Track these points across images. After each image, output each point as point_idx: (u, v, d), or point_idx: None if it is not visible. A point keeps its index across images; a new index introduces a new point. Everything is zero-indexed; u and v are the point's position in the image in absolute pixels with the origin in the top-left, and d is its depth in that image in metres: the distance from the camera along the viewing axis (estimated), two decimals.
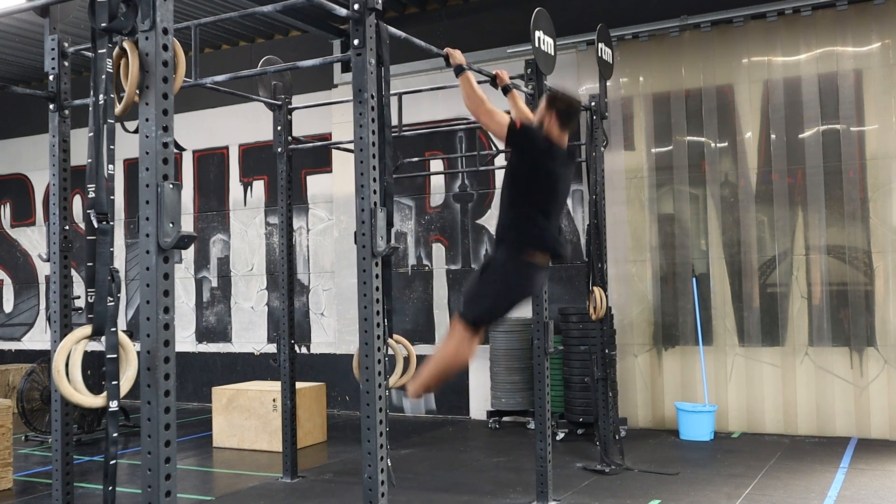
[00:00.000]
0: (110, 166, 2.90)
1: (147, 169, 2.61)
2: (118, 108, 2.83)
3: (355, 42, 3.73)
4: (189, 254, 10.94)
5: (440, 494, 5.90)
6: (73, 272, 4.60)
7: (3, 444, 6.29)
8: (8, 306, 12.43)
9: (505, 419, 8.69)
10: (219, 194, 10.88)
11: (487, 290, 4.41)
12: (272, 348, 10.33)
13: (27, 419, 7.84)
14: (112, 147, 2.90)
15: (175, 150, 2.68)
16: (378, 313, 3.71)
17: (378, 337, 3.71)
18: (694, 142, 8.25)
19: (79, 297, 4.05)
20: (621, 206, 8.44)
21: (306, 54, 8.74)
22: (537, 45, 5.36)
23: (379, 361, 3.70)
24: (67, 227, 4.44)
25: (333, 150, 9.62)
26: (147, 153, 2.61)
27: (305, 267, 10.25)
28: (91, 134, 2.92)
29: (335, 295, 10.01)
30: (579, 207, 8.79)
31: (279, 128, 6.49)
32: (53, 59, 4.35)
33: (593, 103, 6.58)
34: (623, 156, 8.48)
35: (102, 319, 2.80)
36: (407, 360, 4.73)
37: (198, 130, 10.78)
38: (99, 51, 2.92)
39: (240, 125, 10.59)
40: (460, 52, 4.60)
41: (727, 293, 8.07)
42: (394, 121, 6.73)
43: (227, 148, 10.82)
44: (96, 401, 2.78)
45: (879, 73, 7.58)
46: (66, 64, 4.40)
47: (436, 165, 9.49)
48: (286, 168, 6.52)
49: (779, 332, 7.84)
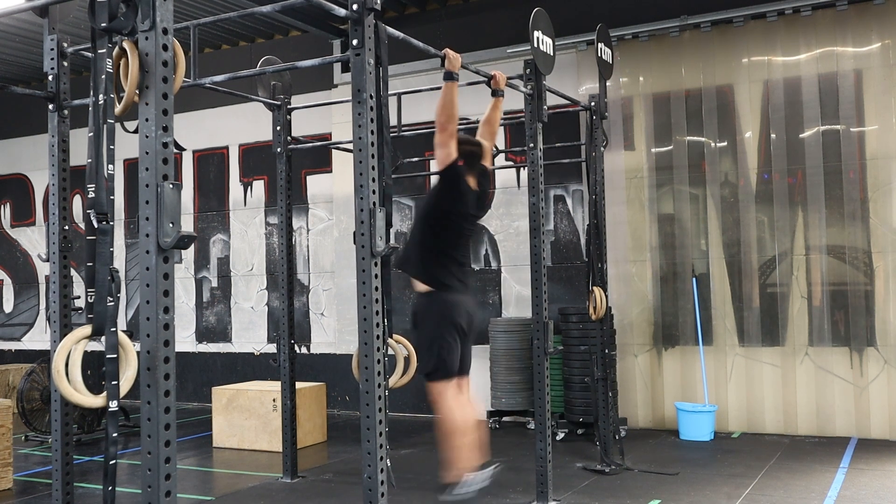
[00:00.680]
0: (110, 166, 2.90)
1: (147, 169, 2.61)
2: (118, 108, 2.83)
3: (354, 42, 3.74)
4: (189, 254, 10.94)
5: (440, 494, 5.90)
6: (73, 272, 4.61)
7: (3, 444, 6.29)
8: (8, 306, 12.43)
9: (505, 419, 8.69)
10: (219, 194, 10.88)
11: (428, 342, 4.51)
12: (272, 348, 10.33)
13: (27, 419, 7.85)
14: (112, 147, 2.90)
15: (175, 150, 2.68)
16: (378, 313, 3.71)
17: (378, 337, 3.71)
18: (694, 142, 8.25)
19: (79, 297, 4.05)
20: (621, 206, 8.44)
21: (306, 54, 8.75)
22: (536, 46, 5.36)
23: (379, 361, 3.70)
24: (67, 227, 4.44)
25: (333, 150, 9.62)
26: (147, 153, 2.61)
27: (305, 267, 10.25)
28: (91, 134, 2.92)
29: (335, 295, 10.01)
30: (579, 207, 8.79)
31: (278, 128, 6.49)
32: (53, 60, 4.35)
33: (593, 103, 6.57)
34: (623, 156, 8.48)
35: (102, 319, 2.80)
36: (407, 360, 4.74)
37: (198, 130, 10.78)
38: (99, 51, 2.93)
39: (240, 125, 10.60)
40: (460, 59, 4.63)
41: (727, 293, 8.07)
42: (393, 121, 6.74)
43: (227, 148, 10.82)
44: (96, 401, 2.78)
45: (879, 74, 7.58)
46: (66, 64, 4.40)
47: (435, 165, 9.47)
48: (286, 168, 6.53)
49: (779, 332, 7.84)
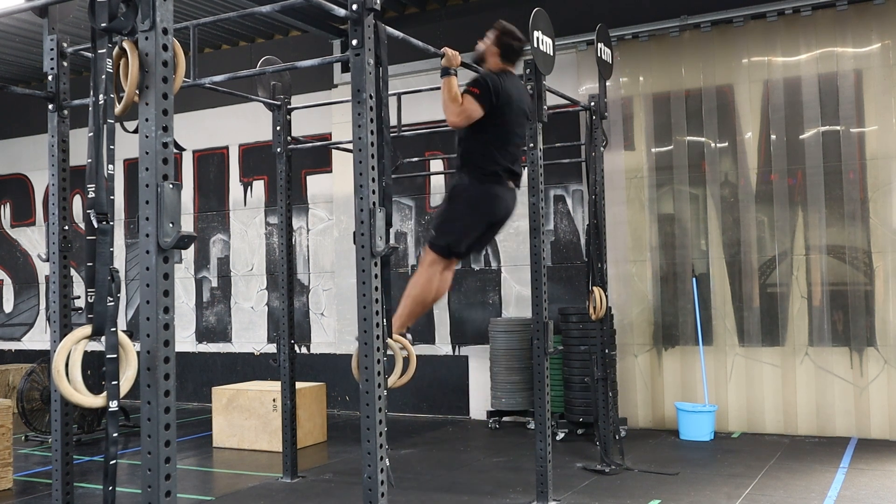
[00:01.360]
0: (110, 166, 2.90)
1: (147, 169, 2.61)
2: (118, 108, 2.83)
3: (354, 42, 3.74)
4: (189, 254, 10.94)
5: (440, 494, 5.90)
6: (73, 272, 4.61)
7: (3, 444, 6.29)
8: (8, 306, 12.43)
9: (505, 419, 8.69)
10: (219, 194, 10.88)
11: (456, 216, 4.50)
12: (272, 348, 10.33)
13: (27, 419, 7.85)
14: (112, 147, 2.90)
15: (175, 150, 2.68)
16: (378, 313, 3.71)
17: (378, 337, 3.71)
18: (694, 142, 8.25)
19: (79, 297, 4.05)
20: (621, 206, 8.44)
21: (306, 54, 8.74)
22: (536, 46, 5.36)
23: (378, 361, 3.70)
24: (67, 227, 4.44)
25: (333, 150, 9.62)
26: (147, 153, 2.61)
27: (305, 267, 10.25)
28: (91, 134, 2.92)
29: (335, 295, 10.01)
30: (579, 207, 8.79)
31: (278, 128, 6.49)
32: (52, 60, 4.35)
33: (593, 103, 6.57)
34: (623, 156, 8.48)
35: (102, 319, 2.80)
36: (407, 360, 4.73)
37: (198, 130, 10.78)
38: (99, 51, 2.93)
39: (240, 125, 10.60)
40: (458, 56, 4.64)
41: (727, 293, 8.07)
42: (393, 121, 6.73)
43: (227, 148, 10.82)
44: (96, 401, 2.78)
45: (879, 74, 7.58)
46: (66, 64, 4.40)
47: (436, 165, 9.49)
48: (286, 168, 6.53)
49: (779, 332, 7.84)
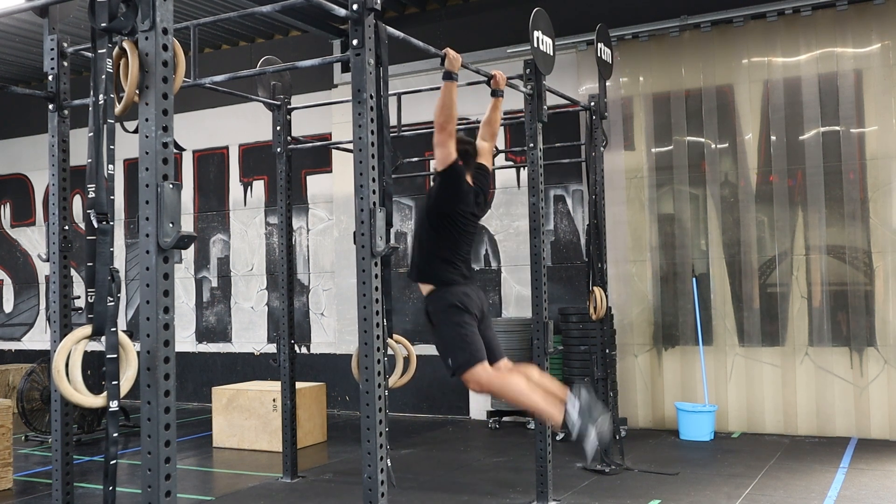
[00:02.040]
0: (110, 166, 2.90)
1: (147, 169, 2.61)
2: (118, 108, 2.83)
3: (354, 42, 3.74)
4: (189, 254, 10.94)
5: (440, 494, 5.90)
6: (73, 272, 4.61)
7: (3, 444, 6.29)
8: (8, 306, 12.43)
9: (505, 419, 8.68)
10: (219, 194, 10.88)
11: (446, 337, 4.43)
12: (272, 348, 10.33)
13: (27, 419, 7.85)
14: (112, 147, 2.90)
15: (175, 150, 2.68)
16: (378, 313, 3.71)
17: (378, 337, 3.71)
18: (694, 142, 8.25)
19: (79, 297, 4.06)
20: (621, 206, 8.44)
21: (306, 54, 8.75)
22: (536, 46, 5.36)
23: (379, 361, 3.70)
24: (67, 227, 4.44)
25: (333, 150, 9.62)
26: (147, 153, 2.61)
27: (305, 267, 10.25)
28: (91, 134, 2.92)
29: (335, 295, 10.01)
30: (579, 207, 8.79)
31: (278, 128, 6.49)
32: (53, 60, 4.35)
33: (593, 103, 6.57)
34: (623, 156, 8.48)
35: (102, 319, 2.80)
36: (407, 360, 4.73)
37: (198, 130, 10.78)
38: (99, 51, 2.93)
39: (240, 125, 10.60)
40: (460, 59, 4.59)
41: (727, 293, 8.07)
42: (393, 121, 6.74)
43: (227, 148, 10.82)
44: (96, 401, 2.78)
45: (879, 74, 7.58)
46: (66, 64, 4.40)
47: (435, 165, 9.46)
48: (286, 168, 6.53)
49: (779, 332, 7.84)
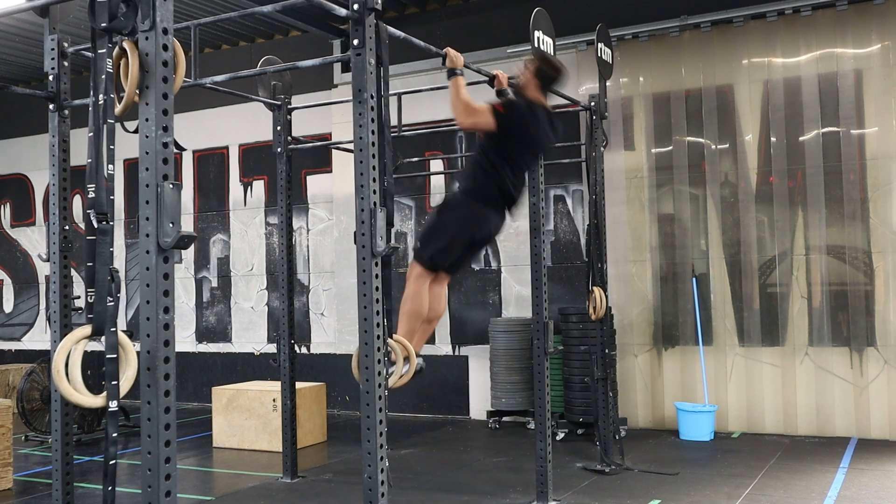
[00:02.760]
0: (110, 166, 2.90)
1: (147, 169, 2.61)
2: (118, 108, 2.82)
3: (355, 42, 3.73)
4: (189, 254, 10.94)
5: (440, 494, 5.91)
6: (73, 272, 4.60)
7: (3, 444, 6.29)
8: (8, 306, 12.43)
9: (505, 419, 8.69)
10: (219, 194, 10.88)
11: (442, 229, 4.50)
12: (272, 348, 10.33)
13: (27, 419, 7.85)
14: (112, 147, 2.90)
15: (175, 150, 2.68)
16: (378, 313, 3.71)
17: (378, 337, 3.70)
18: (694, 142, 8.25)
19: (79, 297, 4.05)
20: (621, 206, 8.44)
21: (306, 54, 8.74)
22: (537, 46, 5.36)
23: (379, 361, 3.70)
24: (67, 227, 4.44)
25: (333, 150, 9.62)
26: (147, 153, 2.61)
27: (305, 267, 10.25)
28: (91, 134, 2.92)
29: (335, 295, 10.01)
30: (579, 207, 8.79)
31: (279, 128, 6.49)
32: (53, 59, 4.35)
33: (593, 103, 6.57)
34: (623, 156, 8.48)
35: (102, 319, 2.80)
36: (407, 360, 4.73)
37: (198, 130, 10.78)
38: (99, 51, 2.92)
39: (240, 125, 10.60)
40: (461, 57, 4.62)
41: (727, 293, 8.07)
42: (394, 121, 6.73)
43: (227, 148, 10.82)
44: (96, 401, 2.78)
45: (879, 74, 7.58)
46: (66, 64, 4.39)
47: (436, 165, 9.49)
48: (286, 168, 6.53)
49: (779, 332, 7.84)
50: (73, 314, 4.43)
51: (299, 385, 7.18)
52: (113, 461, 2.79)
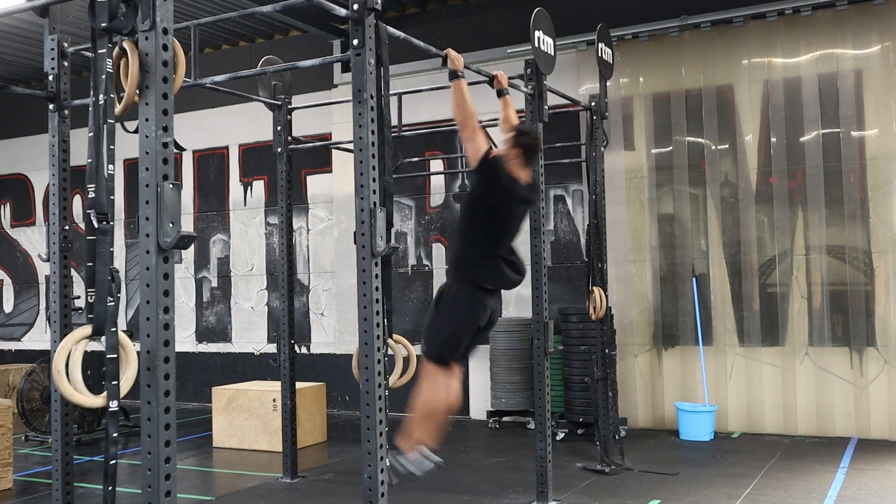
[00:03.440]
0: (110, 166, 2.90)
1: (147, 169, 2.61)
2: (118, 108, 2.83)
3: (355, 42, 3.74)
4: (189, 254, 10.94)
5: (440, 494, 5.91)
6: (73, 272, 4.60)
7: (3, 444, 6.29)
8: (8, 306, 12.43)
9: (505, 419, 8.68)
10: (219, 194, 10.88)
11: (443, 323, 4.46)
12: (272, 348, 10.33)
13: (27, 419, 7.84)
14: (112, 147, 2.90)
15: (175, 150, 2.68)
16: (378, 313, 3.71)
17: (378, 337, 3.70)
18: (694, 142, 8.25)
19: (79, 297, 4.05)
20: (621, 206, 8.44)
21: (306, 54, 8.74)
22: (537, 46, 5.36)
23: (379, 361, 3.70)
24: (67, 227, 4.44)
25: (333, 150, 9.62)
26: (147, 153, 2.61)
27: (305, 267, 10.25)
28: (91, 134, 2.92)
29: (335, 295, 10.01)
30: (579, 207, 8.79)
31: (279, 128, 6.49)
32: (53, 59, 4.35)
33: (593, 103, 6.57)
34: (623, 156, 8.48)
35: (102, 319, 2.80)
36: (407, 360, 4.73)
37: (198, 130, 10.78)
38: (99, 51, 2.92)
39: (240, 125, 10.60)
40: (461, 58, 4.60)
41: (727, 293, 8.07)
42: (394, 121, 6.73)
43: (227, 148, 10.82)
44: (96, 401, 2.78)
45: (879, 74, 7.58)
46: (66, 64, 4.40)
47: (436, 165, 9.49)
48: (286, 168, 6.53)
49: (779, 332, 7.84)
50: (73, 314, 4.43)
51: (299, 385, 7.18)
52: (113, 461, 2.80)
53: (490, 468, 6.73)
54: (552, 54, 5.58)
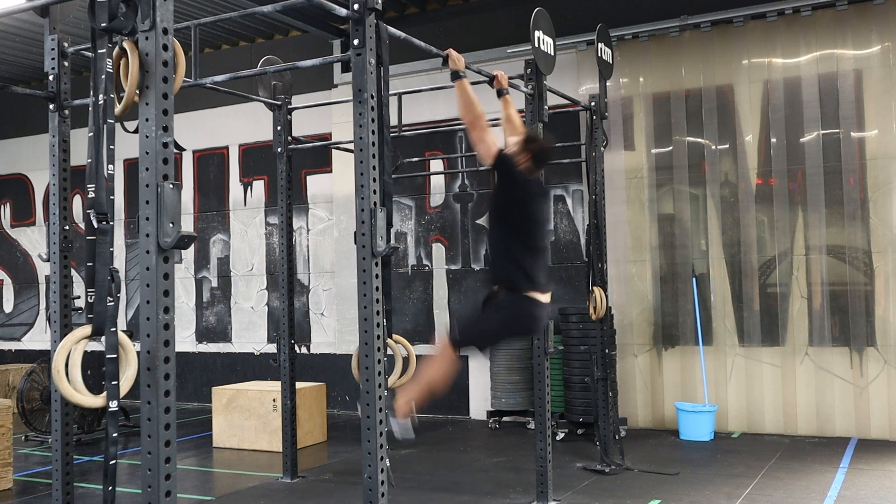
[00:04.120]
0: (110, 166, 2.90)
1: (147, 169, 2.61)
2: (118, 108, 2.83)
3: (355, 42, 3.74)
4: (189, 254, 10.94)
5: (440, 494, 5.90)
6: (73, 272, 4.60)
7: (3, 444, 6.29)
8: (8, 306, 12.43)
9: (505, 419, 8.69)
10: (219, 194, 10.88)
11: (486, 326, 4.46)
12: (272, 348, 10.33)
13: (27, 419, 7.85)
14: (112, 147, 2.90)
15: (175, 150, 2.68)
16: (378, 313, 3.71)
17: (378, 337, 3.71)
18: (694, 142, 8.25)
19: (79, 297, 4.06)
20: (621, 206, 8.44)
21: (306, 54, 8.75)
22: (537, 45, 5.36)
23: (379, 361, 3.70)
24: (67, 227, 4.44)
25: (333, 150, 9.62)
26: (147, 153, 2.61)
27: (305, 267, 10.25)
28: (91, 134, 2.92)
29: (335, 295, 10.01)
30: (579, 207, 8.79)
31: (279, 128, 6.49)
32: (53, 59, 4.35)
33: (593, 103, 6.57)
34: (623, 156, 8.48)
35: (102, 319, 2.80)
36: (407, 360, 4.74)
37: (198, 130, 10.78)
38: (99, 51, 2.92)
39: (240, 125, 10.60)
40: (462, 58, 4.59)
41: (727, 293, 8.07)
42: (394, 121, 6.74)
43: (227, 148, 10.82)
44: (96, 401, 2.78)
45: (879, 74, 7.58)
46: (66, 64, 4.40)
47: (436, 165, 9.49)
48: (286, 168, 6.53)
49: (779, 332, 7.84)
50: (73, 314, 4.43)
51: (299, 385, 7.18)
52: (113, 461, 2.80)
53: (490, 468, 6.73)
54: (552, 54, 5.58)
